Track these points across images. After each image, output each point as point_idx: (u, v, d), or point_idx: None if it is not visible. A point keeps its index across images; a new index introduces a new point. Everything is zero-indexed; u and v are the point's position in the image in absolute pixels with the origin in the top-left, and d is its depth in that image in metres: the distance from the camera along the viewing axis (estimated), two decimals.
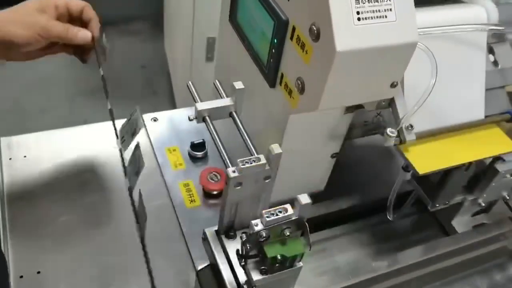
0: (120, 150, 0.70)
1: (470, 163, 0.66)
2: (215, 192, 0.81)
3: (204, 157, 0.87)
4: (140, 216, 0.60)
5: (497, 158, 0.72)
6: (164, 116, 0.95)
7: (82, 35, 0.72)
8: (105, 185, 0.82)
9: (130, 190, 0.61)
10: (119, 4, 2.65)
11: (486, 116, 0.68)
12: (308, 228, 0.52)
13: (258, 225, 0.50)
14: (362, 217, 0.82)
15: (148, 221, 0.78)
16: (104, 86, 0.70)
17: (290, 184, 0.70)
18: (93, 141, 0.88)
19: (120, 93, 2.24)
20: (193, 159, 0.87)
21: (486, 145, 0.68)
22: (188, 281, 0.71)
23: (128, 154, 0.64)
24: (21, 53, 0.71)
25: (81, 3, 0.74)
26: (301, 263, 0.55)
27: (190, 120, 0.62)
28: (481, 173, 0.74)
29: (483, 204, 0.77)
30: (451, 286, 0.77)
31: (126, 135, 0.70)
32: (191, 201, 0.81)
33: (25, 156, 0.84)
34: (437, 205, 0.72)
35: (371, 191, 0.83)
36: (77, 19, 0.74)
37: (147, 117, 0.94)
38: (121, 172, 0.84)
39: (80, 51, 0.76)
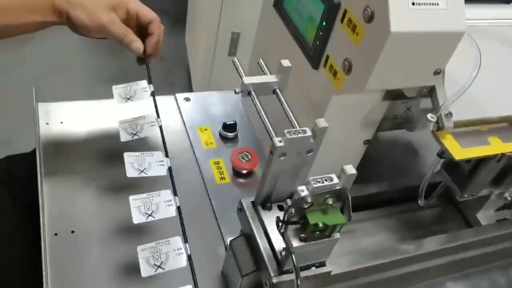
0: (160, 127, 0.72)
1: (503, 154, 0.68)
2: (244, 171, 0.83)
3: (235, 138, 0.90)
4: None
5: None
6: (196, 97, 0.97)
7: (135, 46, 0.75)
8: None
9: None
10: None
11: None
12: (350, 199, 0.54)
13: (304, 191, 0.52)
14: (389, 204, 0.83)
15: (179, 194, 0.80)
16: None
17: (321, 166, 0.72)
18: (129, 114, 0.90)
19: None
20: (224, 139, 0.89)
21: None
22: (217, 253, 0.72)
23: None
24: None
25: (150, 16, 0.76)
26: (338, 234, 0.56)
27: (236, 93, 0.64)
28: (509, 167, 0.74)
29: (510, 198, 0.78)
30: (469, 279, 0.79)
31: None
32: (221, 178, 0.83)
33: (61, 122, 0.86)
34: (466, 195, 0.74)
35: (398, 180, 0.84)
36: (144, 28, 0.77)
37: (180, 96, 0.96)
38: (151, 142, 0.86)
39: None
